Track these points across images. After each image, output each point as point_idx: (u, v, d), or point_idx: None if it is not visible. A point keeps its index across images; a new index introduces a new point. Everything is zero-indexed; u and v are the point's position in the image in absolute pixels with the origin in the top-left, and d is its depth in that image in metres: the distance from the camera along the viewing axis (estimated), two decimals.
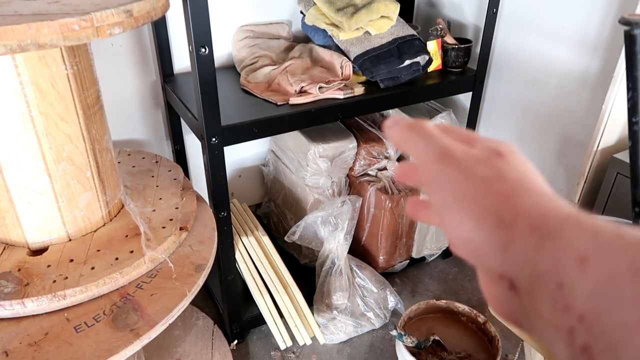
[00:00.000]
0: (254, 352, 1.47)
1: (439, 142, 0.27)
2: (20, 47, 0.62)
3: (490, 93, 1.64)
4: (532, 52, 1.46)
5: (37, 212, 0.84)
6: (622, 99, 1.25)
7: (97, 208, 0.92)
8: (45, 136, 0.79)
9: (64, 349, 0.74)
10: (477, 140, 0.29)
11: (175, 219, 0.98)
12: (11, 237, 0.87)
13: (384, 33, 1.42)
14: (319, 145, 1.48)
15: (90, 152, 0.87)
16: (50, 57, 0.76)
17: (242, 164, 1.79)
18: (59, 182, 0.84)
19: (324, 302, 1.48)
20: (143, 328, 0.79)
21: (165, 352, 1.38)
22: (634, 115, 0.87)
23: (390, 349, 1.48)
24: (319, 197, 1.55)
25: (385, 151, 1.58)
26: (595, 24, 1.28)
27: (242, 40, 1.53)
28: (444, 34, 1.50)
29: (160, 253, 0.90)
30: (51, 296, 0.78)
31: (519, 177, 0.25)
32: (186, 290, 0.86)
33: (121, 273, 0.84)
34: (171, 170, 1.14)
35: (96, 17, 0.67)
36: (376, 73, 1.37)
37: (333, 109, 1.32)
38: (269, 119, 1.24)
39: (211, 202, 1.25)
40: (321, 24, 1.43)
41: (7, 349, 0.74)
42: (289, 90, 1.32)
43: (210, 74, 1.05)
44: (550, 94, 1.45)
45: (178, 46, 1.47)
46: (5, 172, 0.80)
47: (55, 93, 0.78)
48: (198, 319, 1.49)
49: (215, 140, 1.15)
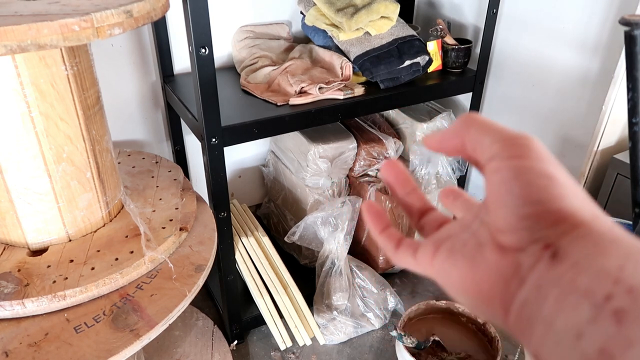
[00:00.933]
0: (254, 353, 1.47)
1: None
2: (21, 47, 0.62)
3: (490, 94, 1.64)
4: (532, 53, 1.46)
5: (37, 212, 0.84)
6: (622, 99, 1.25)
7: (97, 209, 0.92)
8: (45, 137, 0.79)
9: (64, 349, 0.74)
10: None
11: (175, 219, 0.98)
12: (11, 238, 0.87)
13: (384, 34, 1.42)
14: (319, 146, 1.48)
15: (90, 152, 0.87)
16: (50, 57, 0.76)
17: (242, 164, 1.79)
18: (59, 183, 0.84)
19: (323, 302, 1.48)
20: (143, 328, 0.79)
21: (165, 352, 1.38)
22: (634, 115, 0.87)
23: (390, 349, 1.48)
24: (318, 198, 1.55)
25: (385, 152, 1.58)
26: (596, 24, 1.28)
27: (242, 40, 1.53)
28: (444, 34, 1.50)
29: (160, 254, 0.90)
30: (51, 297, 0.78)
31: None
32: (186, 290, 0.86)
33: (121, 274, 0.84)
34: (171, 170, 1.15)
35: (96, 17, 0.67)
36: (376, 73, 1.37)
37: (333, 109, 1.32)
38: (269, 119, 1.24)
39: (211, 203, 1.25)
40: (321, 25, 1.43)
41: (7, 350, 0.74)
42: (289, 90, 1.32)
43: (210, 74, 1.05)
44: (550, 94, 1.45)
45: (178, 47, 1.48)
46: (5, 172, 0.80)
47: (55, 94, 0.78)
48: (198, 320, 1.49)
49: (215, 141, 1.15)
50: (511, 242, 0.24)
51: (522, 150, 0.25)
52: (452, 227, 0.30)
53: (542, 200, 0.24)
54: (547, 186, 0.24)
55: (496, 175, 0.25)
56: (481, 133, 0.27)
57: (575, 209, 0.23)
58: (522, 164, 0.25)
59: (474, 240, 0.27)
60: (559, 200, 0.24)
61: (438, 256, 0.28)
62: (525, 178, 0.24)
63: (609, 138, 1.33)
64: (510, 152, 0.25)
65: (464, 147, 0.29)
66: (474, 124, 0.28)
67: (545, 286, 0.22)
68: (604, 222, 0.23)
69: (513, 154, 0.25)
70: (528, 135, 0.26)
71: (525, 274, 0.23)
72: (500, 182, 0.25)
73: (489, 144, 0.26)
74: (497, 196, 0.25)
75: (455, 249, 0.28)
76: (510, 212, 0.24)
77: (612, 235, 0.22)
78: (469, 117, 0.29)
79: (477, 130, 0.28)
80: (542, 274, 0.23)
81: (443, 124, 1.60)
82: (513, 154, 0.25)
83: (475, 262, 0.26)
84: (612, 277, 0.20)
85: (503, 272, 0.24)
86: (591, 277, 0.21)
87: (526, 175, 0.24)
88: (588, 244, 0.22)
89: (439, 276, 0.28)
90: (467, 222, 0.29)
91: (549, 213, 0.23)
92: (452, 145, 0.30)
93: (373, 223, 0.34)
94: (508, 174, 0.25)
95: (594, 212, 0.24)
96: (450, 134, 0.29)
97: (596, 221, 0.23)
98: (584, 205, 0.24)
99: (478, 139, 0.27)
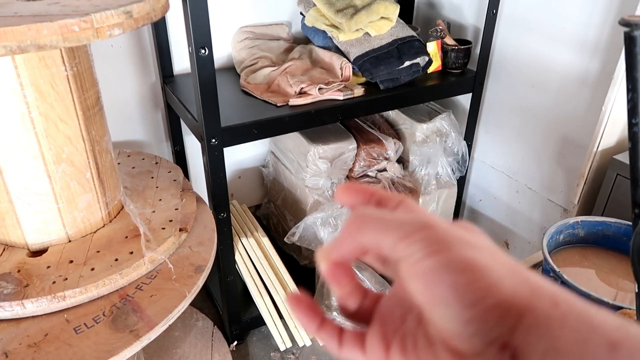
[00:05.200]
0: (254, 353, 1.47)
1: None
2: (20, 48, 0.62)
3: (490, 94, 1.64)
4: (532, 53, 1.46)
5: (37, 213, 0.84)
6: (622, 100, 1.25)
7: (97, 209, 0.92)
8: (45, 137, 0.79)
9: (64, 350, 0.74)
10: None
11: (174, 220, 0.98)
12: (11, 238, 0.87)
13: (384, 34, 1.42)
14: (318, 147, 1.48)
15: (90, 153, 0.87)
16: (50, 58, 0.76)
17: (242, 165, 1.79)
18: (58, 184, 0.84)
19: (323, 303, 1.48)
20: (143, 329, 0.79)
21: (165, 353, 1.38)
22: (633, 116, 0.87)
23: None
24: (318, 198, 1.55)
25: (385, 152, 1.58)
26: (595, 25, 1.28)
27: (241, 41, 1.53)
28: (443, 35, 1.50)
29: (160, 254, 0.90)
30: (51, 297, 0.78)
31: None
32: (186, 291, 0.86)
33: (121, 274, 0.84)
34: (171, 171, 1.14)
35: (96, 18, 0.67)
36: (376, 74, 1.37)
37: (333, 110, 1.32)
38: (268, 120, 1.24)
39: (211, 204, 1.25)
40: (321, 25, 1.43)
41: (7, 350, 0.74)
42: (288, 91, 1.32)
43: (210, 75, 1.05)
44: (550, 95, 1.45)
45: (178, 47, 1.48)
46: (5, 173, 0.80)
47: (55, 94, 0.78)
48: (198, 320, 1.49)
49: (215, 142, 1.15)
50: (465, 349, 0.23)
51: (428, 244, 0.24)
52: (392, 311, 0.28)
53: (478, 298, 0.22)
54: (475, 280, 0.23)
55: (418, 281, 0.24)
56: (376, 235, 0.25)
57: (512, 292, 0.22)
58: (438, 262, 0.23)
59: (422, 337, 0.26)
60: (493, 290, 0.22)
61: (392, 355, 0.27)
62: (450, 279, 0.23)
63: (608, 139, 1.33)
64: (418, 251, 0.24)
65: (365, 251, 0.27)
66: (365, 226, 0.26)
67: None
68: (544, 295, 0.23)
69: (422, 252, 0.24)
70: (426, 221, 0.25)
71: None
72: (427, 289, 0.23)
73: (391, 246, 0.25)
74: (430, 304, 0.24)
75: (407, 350, 0.26)
76: (451, 319, 0.23)
77: (558, 314, 0.22)
78: (358, 218, 0.27)
79: (370, 232, 0.26)
80: None
81: (443, 125, 1.60)
82: (422, 252, 0.24)
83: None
84: None
85: None
86: None
87: (449, 275, 0.23)
88: (542, 336, 0.21)
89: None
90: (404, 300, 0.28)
91: (490, 310, 0.22)
92: (352, 253, 0.27)
93: (307, 321, 0.30)
94: (430, 278, 0.23)
95: (528, 286, 0.23)
96: (346, 242, 0.27)
97: (536, 298, 0.22)
98: (517, 283, 0.23)
99: (376, 242, 0.25)
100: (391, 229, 0.25)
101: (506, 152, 1.64)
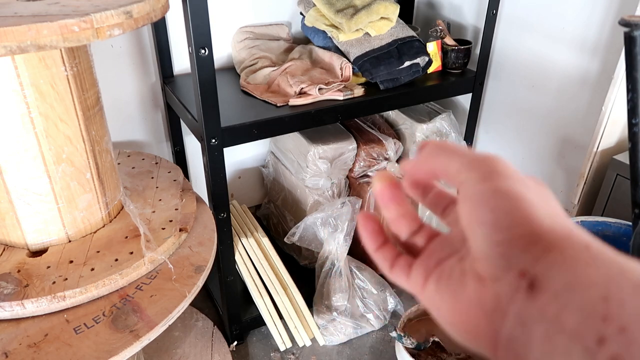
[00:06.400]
0: (254, 354, 1.47)
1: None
2: (20, 48, 0.62)
3: (489, 94, 1.64)
4: (532, 54, 1.46)
5: (37, 213, 0.84)
6: (622, 100, 1.25)
7: (97, 209, 0.92)
8: (45, 138, 0.79)
9: (64, 350, 0.74)
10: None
11: (174, 220, 0.98)
12: (11, 239, 0.87)
13: (384, 34, 1.42)
14: (318, 147, 1.48)
15: (90, 153, 0.87)
16: (50, 58, 0.76)
17: (242, 165, 1.79)
18: (58, 184, 0.84)
19: (323, 303, 1.48)
20: (143, 329, 0.79)
21: (165, 353, 1.38)
22: (633, 116, 0.87)
23: (390, 350, 1.48)
24: (318, 199, 1.55)
25: (385, 152, 1.58)
26: (595, 25, 1.28)
27: (241, 41, 1.53)
28: (443, 35, 1.50)
29: (160, 254, 0.90)
30: (51, 297, 0.78)
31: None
32: (186, 291, 0.86)
33: (121, 274, 0.84)
34: (171, 171, 1.15)
35: (96, 18, 0.67)
36: (376, 74, 1.37)
37: (333, 110, 1.32)
38: (268, 120, 1.24)
39: (211, 204, 1.25)
40: (321, 26, 1.43)
41: (7, 350, 0.74)
42: (288, 91, 1.32)
43: (210, 75, 1.05)
44: (550, 95, 1.45)
45: (178, 47, 1.48)
46: (5, 173, 0.80)
47: (55, 94, 0.78)
48: (198, 320, 1.49)
49: (214, 142, 1.15)
50: (487, 271, 0.24)
51: (486, 172, 0.25)
52: (442, 249, 0.30)
53: (512, 224, 0.23)
54: (516, 208, 0.24)
55: (466, 202, 0.25)
56: (447, 159, 0.27)
57: (547, 228, 0.23)
58: (488, 187, 0.24)
59: (459, 269, 0.27)
60: (529, 221, 0.23)
61: (427, 287, 0.28)
62: (493, 203, 0.24)
63: (608, 139, 1.33)
64: (476, 176, 0.25)
65: (435, 175, 0.29)
66: (441, 151, 0.28)
67: (529, 322, 0.22)
68: (578, 239, 0.23)
69: (479, 178, 0.25)
70: (492, 156, 0.26)
71: (505, 307, 0.23)
72: (471, 210, 0.25)
73: (456, 171, 0.26)
74: (470, 224, 0.25)
75: (442, 280, 0.27)
76: (483, 240, 0.24)
77: (588, 256, 0.22)
78: (434, 144, 0.29)
79: (443, 157, 0.28)
80: (523, 307, 0.22)
81: (443, 125, 1.60)
82: (479, 178, 0.25)
83: (458, 295, 0.26)
84: (599, 313, 0.20)
85: (484, 304, 0.24)
86: (577, 315, 0.20)
87: (494, 199, 0.24)
88: (565, 271, 0.21)
89: (430, 308, 0.28)
90: (456, 243, 0.29)
91: (520, 237, 0.23)
92: (424, 174, 0.30)
93: (369, 239, 0.33)
94: (476, 200, 0.25)
95: (566, 228, 0.24)
96: (421, 162, 0.29)
97: (570, 239, 0.23)
98: (556, 223, 0.24)
99: (445, 167, 0.27)
100: (460, 156, 0.27)
101: (506, 152, 1.64)
